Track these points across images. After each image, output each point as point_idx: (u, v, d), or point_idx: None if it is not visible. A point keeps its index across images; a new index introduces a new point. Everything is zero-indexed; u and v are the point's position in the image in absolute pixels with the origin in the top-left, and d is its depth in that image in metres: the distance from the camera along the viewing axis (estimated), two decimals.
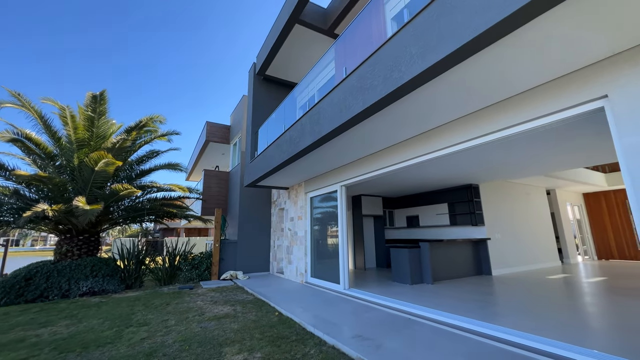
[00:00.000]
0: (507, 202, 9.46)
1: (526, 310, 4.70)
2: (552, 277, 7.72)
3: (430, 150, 4.53)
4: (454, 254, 8.00)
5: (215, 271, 9.31)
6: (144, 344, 3.92)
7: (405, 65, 3.07)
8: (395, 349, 3.39)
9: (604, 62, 2.75)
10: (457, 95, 3.42)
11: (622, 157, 2.61)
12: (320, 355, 3.39)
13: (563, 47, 2.59)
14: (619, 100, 2.65)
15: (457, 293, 6.01)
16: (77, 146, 7.95)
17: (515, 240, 9.15)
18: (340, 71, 4.88)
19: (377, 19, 4.55)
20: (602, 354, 2.84)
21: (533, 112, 3.25)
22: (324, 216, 7.96)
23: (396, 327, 4.17)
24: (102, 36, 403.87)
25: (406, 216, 11.31)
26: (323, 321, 4.52)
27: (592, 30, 2.39)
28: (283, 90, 10.17)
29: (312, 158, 5.95)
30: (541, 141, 5.02)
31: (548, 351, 3.05)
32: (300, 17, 6.94)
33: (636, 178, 2.52)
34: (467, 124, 3.97)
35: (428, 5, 2.86)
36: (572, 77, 2.96)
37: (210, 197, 11.44)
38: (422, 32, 2.92)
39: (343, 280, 6.60)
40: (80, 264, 7.51)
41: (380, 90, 3.37)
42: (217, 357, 3.44)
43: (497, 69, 2.89)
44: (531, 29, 2.34)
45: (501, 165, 6.72)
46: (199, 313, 5.40)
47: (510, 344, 3.32)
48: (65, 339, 4.17)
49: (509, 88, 3.28)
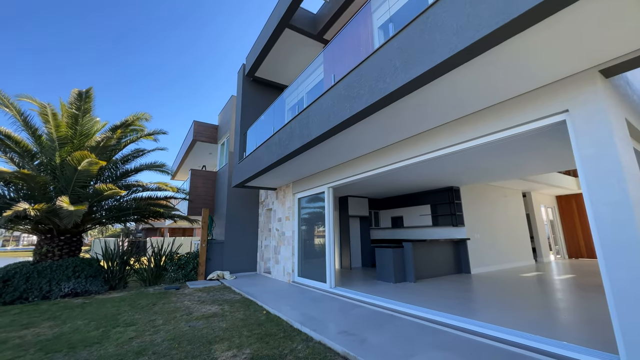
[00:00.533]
0: (486, 204, 9.93)
1: (501, 306, 5.03)
2: (526, 275, 8.20)
3: (414, 155, 4.77)
4: (435, 253, 8.34)
5: (202, 271, 9.29)
6: (132, 343, 3.95)
7: (389, 77, 3.28)
8: (378, 343, 3.59)
9: (566, 80, 3.05)
10: (441, 104, 3.66)
11: (579, 167, 2.92)
12: (307, 350, 3.55)
13: (531, 65, 2.86)
14: (578, 115, 2.95)
15: (437, 291, 6.31)
16: (59, 144, 7.76)
17: (493, 241, 9.62)
18: (329, 78, 5.06)
19: (365, 28, 4.75)
20: (569, 344, 3.15)
21: (509, 121, 3.52)
22: (312, 217, 8.12)
23: (380, 323, 4.39)
24: (86, 27, 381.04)
25: (391, 217, 11.63)
26: (310, 318, 4.68)
27: (556, 52, 2.66)
28: (272, 92, 10.27)
29: (300, 160, 6.10)
30: (517, 148, 5.37)
31: (520, 343, 3.33)
32: (291, 22, 7.08)
33: (591, 185, 2.82)
34: (450, 130, 4.22)
35: (410, 23, 3.08)
36: (540, 92, 3.26)
37: (197, 196, 11.37)
38: (405, 46, 3.13)
39: (330, 279, 6.79)
40: (61, 264, 7.35)
41: (367, 99, 3.57)
42: (207, 354, 3.53)
43: (472, 82, 3.15)
44: (502, 50, 2.59)
45: (481, 169, 7.09)
46: (186, 312, 5.44)
47: (486, 337, 3.59)
48: (50, 339, 4.14)
49: (482, 101, 3.55)
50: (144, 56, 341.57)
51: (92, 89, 7.91)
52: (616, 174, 2.65)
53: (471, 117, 3.93)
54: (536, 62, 2.80)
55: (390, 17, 4.67)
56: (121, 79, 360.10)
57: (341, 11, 6.65)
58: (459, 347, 3.38)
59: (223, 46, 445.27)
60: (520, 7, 2.15)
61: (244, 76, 9.48)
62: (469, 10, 2.51)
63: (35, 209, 6.10)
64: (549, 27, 2.32)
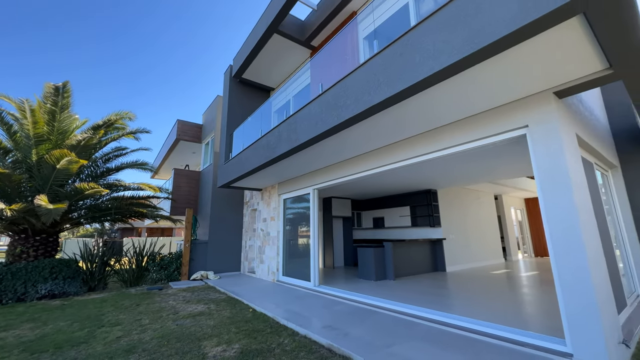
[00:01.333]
0: (461, 206, 10.54)
1: (471, 300, 5.47)
2: (495, 273, 8.82)
3: (396, 160, 5.10)
4: (413, 252, 8.80)
5: (185, 271, 9.26)
6: (120, 341, 4.01)
7: (374, 90, 3.57)
8: (360, 335, 3.87)
9: (527, 99, 3.46)
10: (420, 115, 4.00)
11: (536, 176, 3.33)
12: (293, 344, 3.78)
13: (497, 86, 3.24)
14: (536, 130, 3.37)
15: (415, 287, 6.72)
16: (36, 141, 7.51)
17: (467, 240, 10.24)
18: (317, 86, 5.31)
19: (352, 41, 5.04)
20: (524, 331, 3.56)
21: (481, 132, 3.90)
22: (297, 217, 8.33)
23: (361, 318, 4.68)
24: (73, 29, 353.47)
25: (373, 217, 12.05)
26: (295, 315, 4.91)
27: (517, 76, 3.05)
28: (259, 94, 10.37)
29: (287, 163, 6.30)
30: (489, 155, 5.84)
31: (483, 331, 3.72)
32: (279, 28, 7.25)
33: (545, 192, 3.24)
34: (429, 138, 4.56)
35: (393, 42, 3.38)
36: (505, 108, 3.66)
37: (180, 196, 11.25)
38: (388, 63, 3.43)
39: (314, 277, 7.03)
40: (37, 265, 7.11)
41: (353, 109, 3.84)
42: (197, 350, 3.67)
43: (447, 98, 3.50)
44: (472, 72, 2.93)
45: (456, 173, 7.58)
46: (172, 312, 5.50)
47: (455, 327, 3.97)
48: (33, 340, 4.11)
49: (455, 113, 3.93)
50: (131, 58, 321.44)
51: (68, 82, 7.70)
52: (565, 183, 3.08)
53: (447, 127, 4.30)
54: (501, 83, 3.18)
55: (375, 29, 4.99)
56: (105, 79, 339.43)
57: (329, 20, 6.91)
58: (431, 337, 3.72)
59: (212, 48, 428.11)
60: (484, 40, 2.49)
61: (231, 78, 9.53)
62: (444, 37, 2.83)
63: (11, 208, 5.91)
64: (510, 56, 2.68)
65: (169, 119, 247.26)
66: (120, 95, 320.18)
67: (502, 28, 2.39)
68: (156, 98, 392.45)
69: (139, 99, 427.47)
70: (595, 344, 2.75)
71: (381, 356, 3.19)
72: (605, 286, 3.10)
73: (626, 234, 5.69)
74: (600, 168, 5.55)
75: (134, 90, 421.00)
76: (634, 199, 5.77)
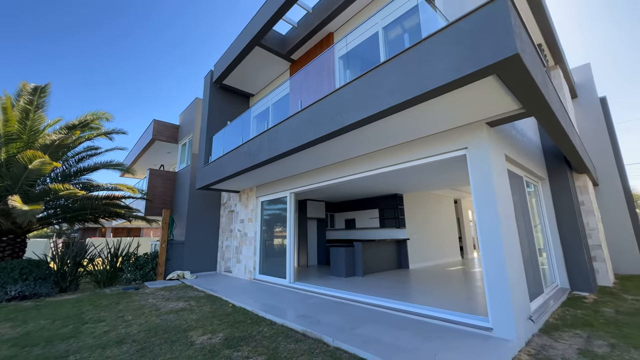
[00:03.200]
0: (424, 209, 11.61)
1: (425, 291, 6.33)
2: (451, 269, 9.91)
3: (364, 170, 5.81)
4: (381, 251, 9.64)
5: (161, 271, 9.38)
6: (109, 335, 4.31)
7: (346, 113, 4.22)
8: (330, 322, 4.50)
9: (466, 126, 4.29)
10: (383, 136, 4.71)
11: (472, 189, 4.16)
12: (272, 331, 4.32)
13: (444, 116, 4.03)
14: (472, 152, 4.20)
15: (380, 282, 7.50)
16: (6, 140, 7.35)
17: (428, 240, 11.31)
18: (296, 97, 5.90)
19: (328, 65, 5.68)
20: (459, 312, 4.38)
21: (433, 151, 4.71)
22: (274, 218, 8.82)
23: (332, 308, 5.32)
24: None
25: (345, 219, 12.82)
26: (273, 307, 5.44)
27: (458, 110, 3.84)
28: (239, 99, 10.71)
29: (266, 169, 6.80)
30: (444, 168, 6.76)
31: (429, 314, 4.50)
32: (261, 41, 7.72)
33: (478, 203, 4.08)
34: (392, 153, 5.31)
35: (360, 76, 4.06)
36: (452, 132, 4.48)
37: (156, 197, 11.24)
38: (359, 90, 4.10)
39: (289, 275, 7.58)
40: (6, 266, 6.98)
41: (327, 128, 4.47)
42: (185, 339, 4.09)
43: (409, 122, 4.24)
44: (421, 107, 3.67)
45: (417, 181, 8.51)
46: (154, 309, 5.79)
47: (409, 313, 4.72)
48: (18, 337, 4.27)
49: (411, 135, 4.70)
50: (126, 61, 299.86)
51: (49, 84, 7.61)
52: (491, 197, 3.92)
53: (405, 145, 5.08)
54: (445, 115, 3.97)
55: (347, 52, 5.68)
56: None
57: (308, 37, 7.50)
58: (389, 321, 4.44)
59: (185, 47, 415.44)
60: (430, 85, 3.22)
61: (212, 83, 9.79)
62: (399, 78, 3.54)
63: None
64: (450, 97, 3.44)
65: (144, 118, 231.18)
66: (97, 98, 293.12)
67: (443, 77, 3.13)
68: (136, 100, 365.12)
69: (118, 103, 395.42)
70: (507, 320, 3.60)
71: (347, 336, 3.84)
72: (518, 277, 3.99)
73: (551, 235, 6.87)
74: (532, 180, 6.67)
75: (113, 94, 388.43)
76: (557, 206, 6.98)
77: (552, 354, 3.40)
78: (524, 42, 2.86)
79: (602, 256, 7.34)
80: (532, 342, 3.71)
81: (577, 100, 10.71)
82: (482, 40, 2.82)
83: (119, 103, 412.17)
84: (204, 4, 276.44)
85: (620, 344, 3.66)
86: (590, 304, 5.53)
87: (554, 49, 7.96)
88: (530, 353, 3.42)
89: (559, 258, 6.77)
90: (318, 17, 7.06)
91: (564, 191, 6.95)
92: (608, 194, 9.75)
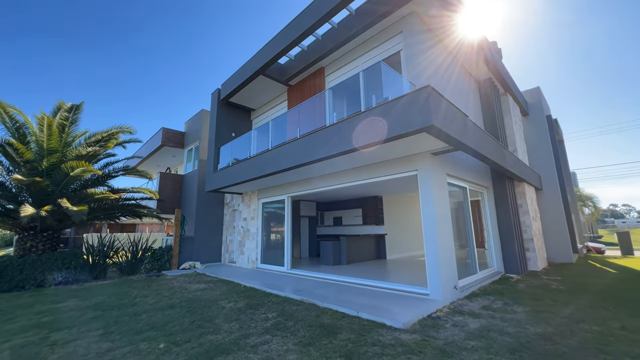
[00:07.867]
0: (401, 208, 13.50)
1: (393, 273, 8.17)
2: (421, 259, 11.83)
3: (348, 181, 7.55)
4: (363, 244, 11.46)
5: (175, 262, 10.93)
6: (159, 304, 5.92)
7: (330, 145, 5.92)
8: (320, 294, 6.24)
9: (417, 154, 6.08)
10: (357, 159, 6.45)
11: (420, 198, 5.96)
12: (278, 300, 6.03)
13: (398, 148, 5.78)
14: (421, 173, 6.00)
15: (360, 268, 9.31)
16: (48, 152, 8.72)
17: (403, 235, 13.22)
18: (294, 129, 7.54)
19: (320, 100, 7.35)
20: (409, 285, 6.19)
21: (395, 170, 6.47)
22: (273, 217, 10.49)
23: (322, 286, 7.07)
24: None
25: (333, 217, 14.59)
26: (276, 286, 7.15)
27: (410, 145, 5.60)
28: (241, 113, 12.24)
29: (269, 178, 8.45)
30: (406, 181, 8.55)
31: (390, 287, 6.30)
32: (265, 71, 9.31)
33: (424, 208, 5.87)
34: (368, 170, 7.06)
35: (341, 120, 5.76)
36: (407, 158, 6.25)
37: (166, 197, 12.70)
38: (342, 130, 5.80)
39: (287, 263, 9.30)
40: (50, 257, 8.41)
41: (321, 153, 6.16)
42: (217, 305, 5.74)
43: (372, 153, 5.98)
44: (383, 145, 5.40)
45: (390, 188, 10.32)
46: (183, 288, 7.40)
47: (379, 288, 6.51)
48: (92, 306, 5.83)
49: (381, 158, 6.46)
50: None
51: (83, 103, 8.98)
52: (431, 203, 5.73)
53: (377, 164, 6.84)
54: (402, 148, 5.72)
55: (334, 86, 7.36)
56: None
57: (303, 69, 9.12)
58: (362, 292, 6.23)
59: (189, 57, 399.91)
60: (389, 134, 4.96)
61: (219, 100, 11.30)
62: (367, 128, 5.27)
63: (45, 210, 7.28)
64: (403, 140, 5.19)
65: (144, 118, 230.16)
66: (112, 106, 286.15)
67: (397, 130, 4.86)
68: (142, 106, 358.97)
69: (124, 105, 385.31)
70: (438, 288, 5.44)
71: (331, 300, 5.60)
72: (448, 260, 5.83)
73: (492, 230, 8.82)
74: (478, 188, 8.57)
75: (119, 96, 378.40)
76: (498, 208, 8.93)
77: (464, 309, 5.25)
78: (440, 114, 4.62)
79: (533, 247, 9.38)
80: (455, 303, 5.57)
81: (527, 117, 12.74)
82: (411, 113, 4.58)
83: (118, 103, 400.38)
84: (209, 13, 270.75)
85: (511, 303, 5.56)
86: (512, 282, 7.48)
87: (502, 82, 9.87)
88: (450, 307, 5.26)
89: (498, 248, 8.74)
90: (312, 54, 8.69)
91: (503, 197, 8.90)
92: (550, 197, 11.82)
